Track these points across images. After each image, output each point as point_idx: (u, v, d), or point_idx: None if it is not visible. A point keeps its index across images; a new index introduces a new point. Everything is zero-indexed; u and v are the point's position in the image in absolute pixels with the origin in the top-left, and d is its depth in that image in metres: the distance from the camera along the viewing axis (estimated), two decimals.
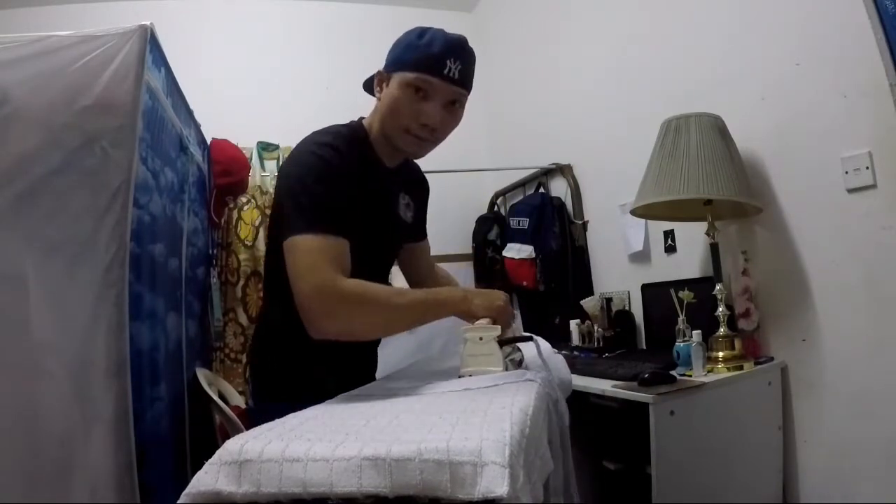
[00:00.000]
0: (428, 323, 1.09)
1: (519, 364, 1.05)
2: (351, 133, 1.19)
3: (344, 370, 1.15)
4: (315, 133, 1.16)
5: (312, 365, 1.14)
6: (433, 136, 1.18)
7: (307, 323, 1.00)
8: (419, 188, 1.44)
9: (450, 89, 1.14)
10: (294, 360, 1.17)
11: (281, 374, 1.19)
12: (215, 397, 1.97)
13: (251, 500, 0.56)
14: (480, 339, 1.01)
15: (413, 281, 1.49)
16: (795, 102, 1.64)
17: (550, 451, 0.78)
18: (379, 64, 1.23)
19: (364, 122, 1.25)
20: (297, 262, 1.01)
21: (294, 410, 0.77)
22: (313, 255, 1.00)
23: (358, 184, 1.13)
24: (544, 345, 1.06)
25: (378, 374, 1.33)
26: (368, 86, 1.26)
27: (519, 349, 1.07)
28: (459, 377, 0.99)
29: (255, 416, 1.26)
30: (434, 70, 1.12)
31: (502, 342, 1.04)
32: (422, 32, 1.17)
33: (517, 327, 1.13)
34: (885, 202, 1.42)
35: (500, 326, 1.05)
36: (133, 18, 1.39)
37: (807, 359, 1.63)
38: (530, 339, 1.08)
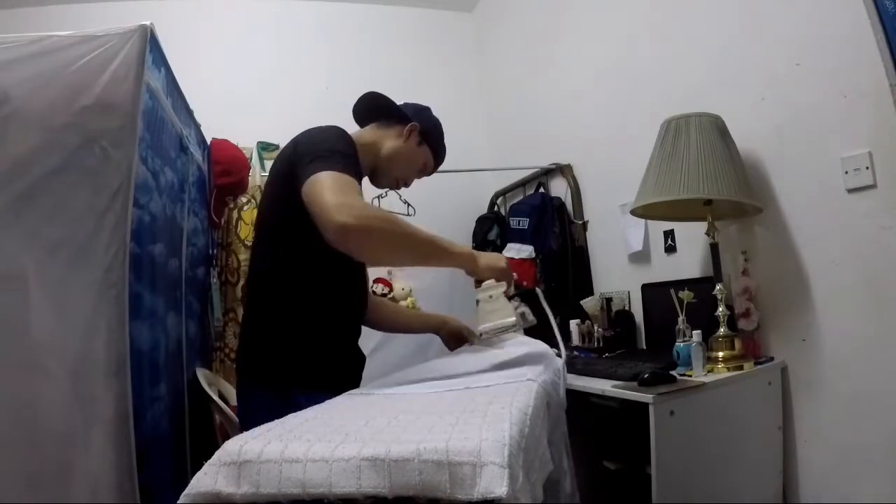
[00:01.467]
0: (432, 266, 1.21)
1: (523, 316, 1.21)
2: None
3: (330, 363, 1.23)
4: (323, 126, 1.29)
5: (298, 358, 1.21)
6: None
7: (331, 233, 1.02)
8: None
9: None
10: (280, 354, 1.22)
11: (268, 365, 1.24)
12: (215, 397, 1.96)
13: (250, 501, 0.56)
14: (490, 297, 1.15)
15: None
16: (795, 102, 1.63)
17: (550, 451, 0.79)
18: (380, 63, 1.26)
19: (354, 135, 1.35)
20: (324, 186, 1.05)
21: (279, 401, 0.79)
22: (339, 182, 1.06)
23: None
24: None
25: (377, 376, 1.34)
26: (381, 103, 1.45)
27: (523, 303, 1.26)
28: (479, 335, 1.17)
29: (243, 409, 1.29)
30: (437, 165, 1.55)
31: (510, 297, 1.18)
32: (443, 138, 1.53)
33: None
34: (885, 202, 1.42)
35: (505, 284, 1.18)
36: (133, 18, 1.39)
37: (807, 359, 1.63)
38: (533, 290, 1.42)
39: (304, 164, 1.11)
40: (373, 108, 1.45)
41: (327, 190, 1.04)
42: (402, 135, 1.42)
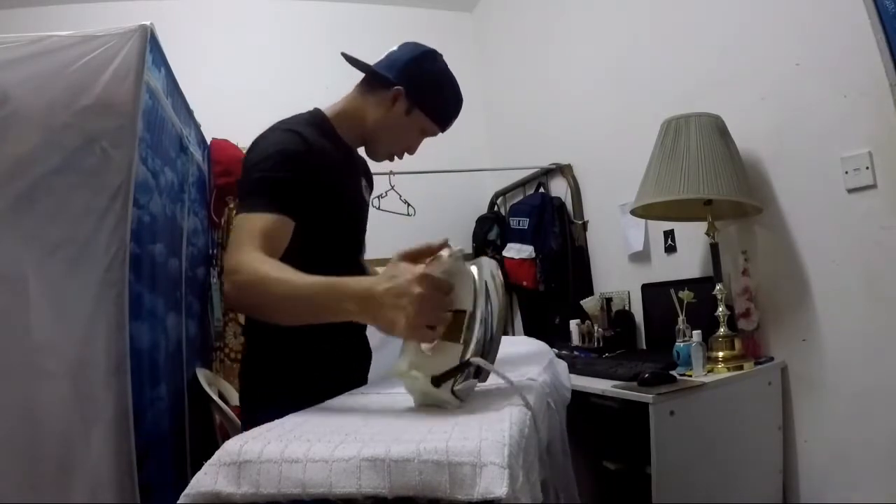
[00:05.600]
0: (325, 321, 0.89)
1: (478, 375, 0.77)
2: (313, 119, 1.22)
3: (335, 371, 1.16)
4: (276, 123, 1.18)
5: (303, 367, 1.15)
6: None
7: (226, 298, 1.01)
8: (370, 176, 1.43)
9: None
10: (284, 363, 1.17)
11: (271, 377, 1.19)
12: (215, 397, 1.97)
13: (250, 501, 0.56)
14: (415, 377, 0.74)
15: None
16: (795, 102, 1.63)
17: (550, 451, 0.78)
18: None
19: (327, 110, 1.25)
20: (232, 239, 1.02)
21: (284, 414, 0.77)
22: (242, 235, 1.00)
23: (331, 165, 1.16)
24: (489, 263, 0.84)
25: (377, 375, 1.33)
26: (358, 66, 1.25)
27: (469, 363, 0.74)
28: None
29: (248, 410, 1.25)
30: (446, 125, 1.27)
31: (440, 378, 0.72)
32: (454, 87, 1.27)
33: (466, 295, 0.76)
34: (885, 202, 1.42)
35: (420, 345, 0.74)
36: (133, 18, 1.39)
37: (807, 359, 1.63)
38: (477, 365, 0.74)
39: (239, 194, 1.11)
40: (355, 66, 1.25)
41: (231, 245, 1.00)
42: (386, 102, 1.21)
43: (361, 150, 1.33)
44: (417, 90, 1.21)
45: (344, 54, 1.25)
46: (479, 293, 0.76)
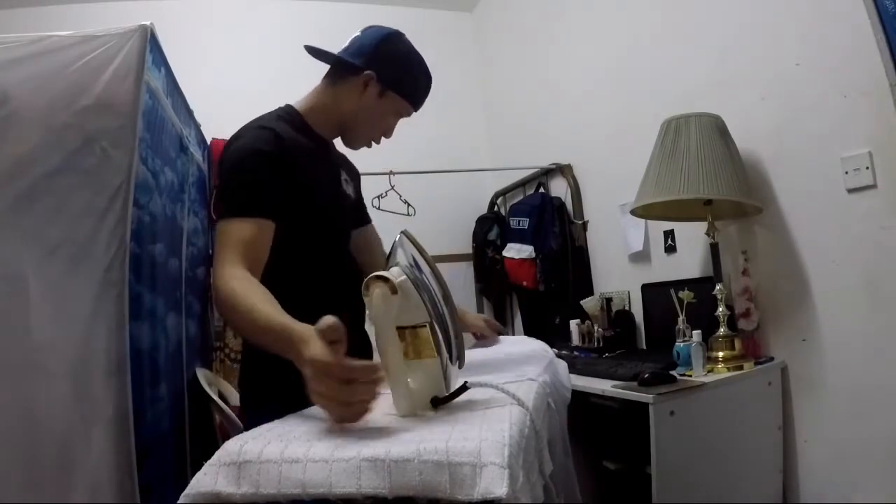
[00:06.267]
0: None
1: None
2: (286, 115, 1.24)
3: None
4: (250, 121, 1.20)
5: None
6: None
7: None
8: (352, 168, 1.44)
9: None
10: (284, 361, 1.16)
11: (271, 376, 1.18)
12: (215, 397, 1.96)
13: (250, 501, 0.56)
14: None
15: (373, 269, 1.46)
16: (795, 102, 1.63)
17: (551, 451, 0.78)
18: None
19: (297, 105, 1.27)
20: (217, 246, 1.05)
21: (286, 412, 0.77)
22: (224, 241, 1.03)
23: (307, 160, 1.18)
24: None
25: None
26: (324, 57, 1.27)
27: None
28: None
29: (251, 410, 1.25)
30: (419, 104, 1.28)
31: (441, 402, 0.73)
32: (422, 64, 1.27)
33: (417, 307, 0.75)
34: (885, 202, 1.42)
35: (406, 379, 0.73)
36: (133, 18, 1.39)
37: (807, 359, 1.63)
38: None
39: (217, 195, 1.14)
40: (320, 59, 1.28)
41: (215, 256, 1.04)
42: (357, 88, 1.22)
43: (338, 142, 1.33)
44: (387, 72, 1.22)
45: (307, 47, 1.26)
46: (423, 289, 0.75)
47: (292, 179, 1.12)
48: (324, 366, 0.68)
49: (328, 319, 0.70)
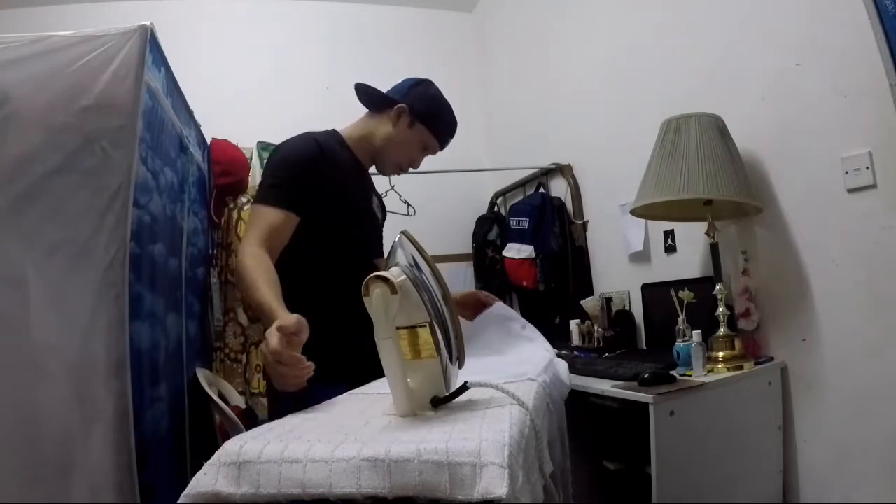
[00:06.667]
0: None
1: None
2: (332, 134, 1.45)
3: (348, 354, 1.19)
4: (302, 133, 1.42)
5: (317, 352, 1.17)
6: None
7: None
8: (383, 203, 1.66)
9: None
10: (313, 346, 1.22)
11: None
12: (215, 397, 1.96)
13: (250, 501, 0.56)
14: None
15: None
16: (795, 102, 1.63)
17: (550, 451, 0.78)
18: (380, 65, 1.27)
19: (341, 130, 1.48)
20: (248, 224, 1.30)
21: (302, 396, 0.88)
22: (251, 221, 1.29)
23: (343, 169, 1.39)
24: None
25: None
26: (368, 93, 1.49)
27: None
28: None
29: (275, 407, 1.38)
30: (444, 143, 1.54)
31: (441, 401, 0.75)
32: (450, 109, 1.51)
33: (416, 307, 0.74)
34: (885, 202, 1.41)
35: (406, 381, 0.74)
36: (133, 18, 1.39)
37: (807, 359, 1.63)
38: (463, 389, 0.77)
39: (258, 187, 1.38)
40: (363, 99, 1.50)
41: (246, 231, 1.29)
42: (391, 119, 1.45)
43: (373, 170, 1.55)
44: (418, 106, 1.45)
45: (358, 85, 1.48)
46: (422, 289, 0.75)
47: (324, 185, 1.31)
48: (269, 349, 0.90)
49: (291, 318, 0.92)
